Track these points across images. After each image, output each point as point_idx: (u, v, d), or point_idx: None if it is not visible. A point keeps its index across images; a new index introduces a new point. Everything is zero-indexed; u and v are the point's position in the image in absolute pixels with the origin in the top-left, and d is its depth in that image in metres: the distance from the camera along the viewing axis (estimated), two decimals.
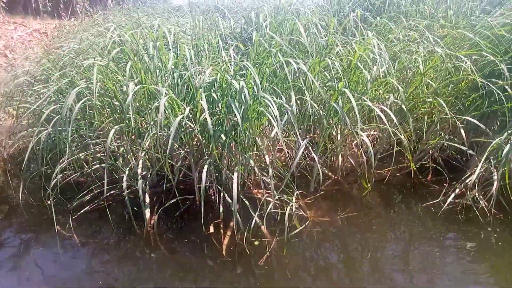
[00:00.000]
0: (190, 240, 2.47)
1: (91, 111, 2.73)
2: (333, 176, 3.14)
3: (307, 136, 3.07)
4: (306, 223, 2.60)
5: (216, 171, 2.71)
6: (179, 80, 2.71)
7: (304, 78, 2.92)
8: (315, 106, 2.81)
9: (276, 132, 2.85)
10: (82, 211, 2.65)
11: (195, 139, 2.72)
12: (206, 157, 2.59)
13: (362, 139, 2.69)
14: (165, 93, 2.29)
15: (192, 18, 3.74)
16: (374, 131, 3.29)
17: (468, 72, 2.99)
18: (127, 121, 2.56)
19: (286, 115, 2.60)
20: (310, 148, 2.85)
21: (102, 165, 2.73)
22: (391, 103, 2.89)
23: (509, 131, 2.81)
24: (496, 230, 2.59)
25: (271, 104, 2.42)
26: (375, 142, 3.35)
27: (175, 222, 2.62)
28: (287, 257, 2.32)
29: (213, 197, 2.71)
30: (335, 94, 2.80)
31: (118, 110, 2.65)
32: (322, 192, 2.94)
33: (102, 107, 2.72)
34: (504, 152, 2.69)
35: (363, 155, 2.99)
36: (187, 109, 2.37)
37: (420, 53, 3.21)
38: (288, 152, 3.15)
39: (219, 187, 2.64)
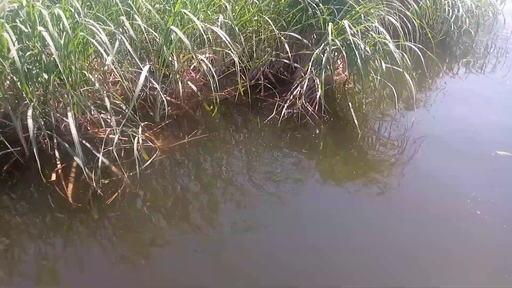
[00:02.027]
0: (28, 196, 2.19)
1: None
2: (176, 103, 3.09)
3: (143, 65, 2.89)
4: (156, 153, 2.56)
5: (44, 115, 2.37)
6: None
7: (131, 1, 2.67)
8: (151, 31, 2.63)
9: (108, 62, 2.61)
10: None
11: (7, 81, 2.29)
12: (27, 101, 2.22)
13: (201, 62, 2.67)
14: None
15: None
16: (209, 53, 3.30)
17: None
18: None
19: (117, 43, 2.38)
20: (149, 77, 2.71)
21: None
22: (221, 23, 2.91)
23: (324, 43, 3.16)
24: (321, 129, 3.02)
25: (99, 31, 2.18)
26: (211, 65, 3.38)
27: (3, 181, 2.25)
28: (141, 190, 2.27)
29: (44, 145, 2.39)
30: (171, 17, 2.66)
31: None
32: (168, 121, 2.88)
33: None
34: (323, 61, 3.06)
35: (202, 78, 3.01)
36: None
37: None
38: (124, 84, 2.94)
39: (49, 132, 2.34)
